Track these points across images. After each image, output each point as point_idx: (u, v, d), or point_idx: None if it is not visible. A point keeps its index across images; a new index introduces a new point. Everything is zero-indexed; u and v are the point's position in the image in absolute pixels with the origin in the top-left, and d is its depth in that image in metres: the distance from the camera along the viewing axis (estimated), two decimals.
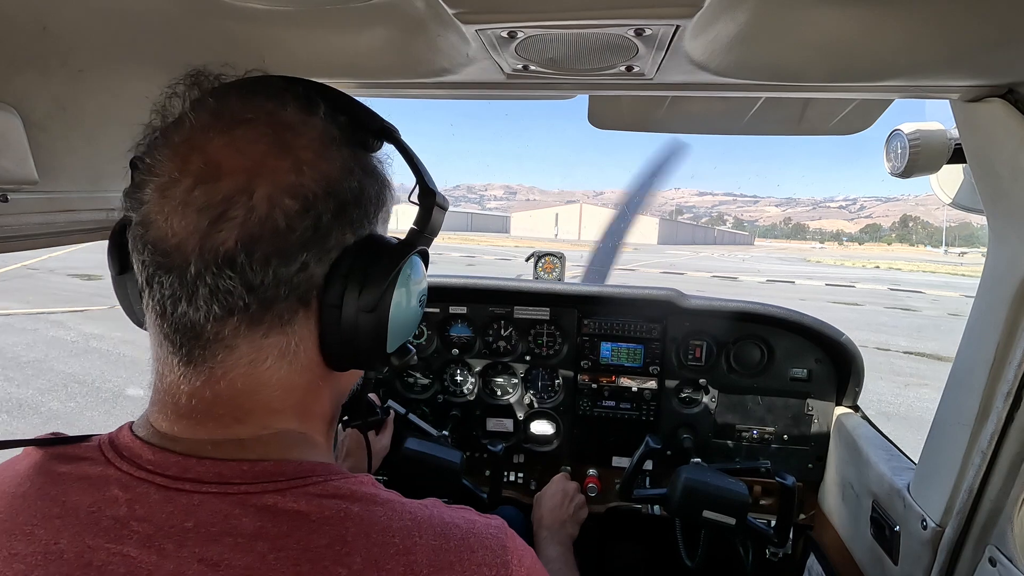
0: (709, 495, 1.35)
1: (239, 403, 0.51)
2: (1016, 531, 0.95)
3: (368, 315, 0.52)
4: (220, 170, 0.47)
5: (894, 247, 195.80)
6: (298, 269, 0.49)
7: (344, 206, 0.51)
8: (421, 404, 1.86)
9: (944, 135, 1.04)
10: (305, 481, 0.49)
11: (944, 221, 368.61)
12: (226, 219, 0.46)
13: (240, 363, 0.50)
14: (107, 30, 0.74)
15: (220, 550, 0.44)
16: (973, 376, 1.00)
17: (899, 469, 1.27)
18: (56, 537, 0.46)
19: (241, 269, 0.46)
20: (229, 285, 0.47)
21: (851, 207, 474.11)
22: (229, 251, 0.46)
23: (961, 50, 0.73)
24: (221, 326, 0.48)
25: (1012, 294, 0.91)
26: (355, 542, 0.46)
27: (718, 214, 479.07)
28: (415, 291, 0.59)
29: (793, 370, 1.67)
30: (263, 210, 0.46)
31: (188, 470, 0.48)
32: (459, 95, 1.04)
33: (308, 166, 0.49)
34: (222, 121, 0.49)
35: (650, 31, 0.71)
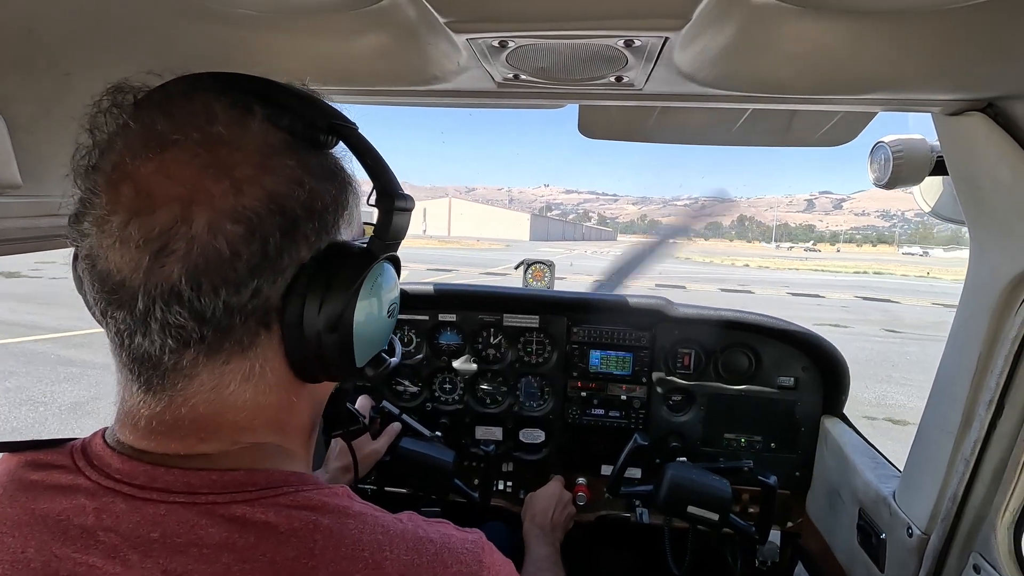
0: (694, 491, 1.39)
1: (202, 425, 0.49)
2: (999, 538, 0.96)
3: (331, 333, 0.50)
4: (153, 200, 0.43)
5: (735, 243, 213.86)
6: (251, 295, 0.46)
7: (295, 222, 0.47)
8: (410, 412, 1.85)
9: (927, 148, 1.06)
10: (276, 491, 0.48)
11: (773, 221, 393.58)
12: (168, 253, 0.43)
13: (202, 390, 0.48)
14: (94, 33, 0.73)
15: (185, 561, 0.43)
16: (956, 385, 1.01)
17: (885, 477, 1.28)
18: (23, 545, 0.45)
19: (189, 303, 0.44)
20: (180, 320, 0.44)
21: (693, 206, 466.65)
22: (174, 285, 0.44)
23: (943, 65, 0.75)
24: (178, 357, 0.47)
25: (993, 304, 0.93)
26: (323, 555, 0.45)
27: (583, 211, 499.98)
28: (383, 301, 0.56)
29: (780, 378, 1.68)
30: (204, 239, 0.43)
31: (156, 479, 0.47)
32: (450, 103, 1.05)
33: (248, 184, 0.45)
34: (150, 144, 0.45)
35: (639, 42, 0.72)
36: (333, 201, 0.51)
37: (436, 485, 1.44)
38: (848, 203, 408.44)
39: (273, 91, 0.51)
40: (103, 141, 0.48)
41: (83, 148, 0.49)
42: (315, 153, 0.51)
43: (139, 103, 0.49)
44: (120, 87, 0.50)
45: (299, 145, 0.50)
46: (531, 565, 1.22)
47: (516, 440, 1.83)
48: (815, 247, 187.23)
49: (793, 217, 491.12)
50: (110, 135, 0.48)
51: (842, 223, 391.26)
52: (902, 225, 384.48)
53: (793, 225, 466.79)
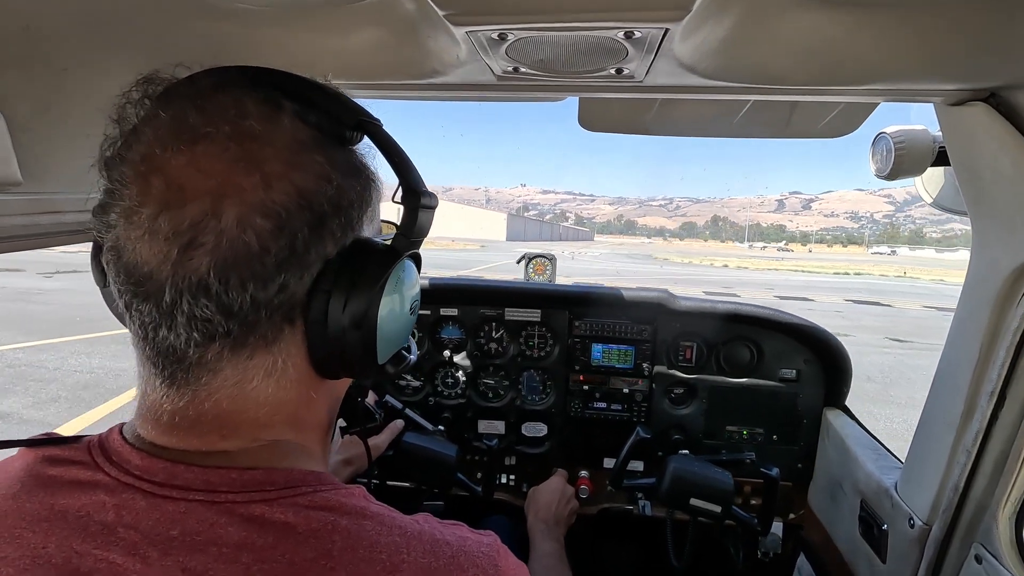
0: (696, 483, 1.39)
1: (224, 421, 0.50)
2: (1001, 528, 0.96)
3: (355, 330, 0.50)
4: (184, 194, 0.44)
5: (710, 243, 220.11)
6: (277, 290, 0.46)
7: (322, 218, 0.48)
8: (413, 407, 1.85)
9: (928, 138, 1.06)
10: (294, 491, 0.48)
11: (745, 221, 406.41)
12: (196, 246, 0.43)
13: (225, 385, 0.48)
14: (91, 30, 0.73)
15: (205, 560, 0.43)
16: (958, 376, 1.01)
17: (886, 468, 1.29)
18: (44, 541, 0.45)
19: (217, 296, 0.44)
20: (206, 313, 0.45)
21: (669, 206, 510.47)
22: (202, 278, 0.44)
23: (944, 55, 0.74)
24: (203, 351, 0.47)
25: (995, 294, 0.93)
26: (341, 556, 0.45)
27: (560, 211, 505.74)
28: (406, 299, 0.56)
29: (782, 371, 1.69)
30: (233, 233, 0.44)
31: (176, 477, 0.47)
32: (450, 96, 1.04)
33: (278, 179, 0.45)
34: (181, 136, 0.45)
35: (639, 34, 0.71)
36: (358, 197, 0.51)
37: (439, 479, 1.44)
38: (817, 204, 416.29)
39: (301, 87, 0.51)
40: (131, 132, 0.48)
41: (110, 139, 0.49)
42: (341, 149, 0.52)
43: (169, 95, 0.49)
44: (150, 78, 0.50)
45: (326, 141, 0.50)
46: (536, 561, 1.23)
47: (518, 434, 1.84)
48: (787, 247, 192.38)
49: (764, 217, 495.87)
50: (139, 126, 0.47)
51: (812, 223, 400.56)
52: (871, 227, 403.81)
53: (765, 225, 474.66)
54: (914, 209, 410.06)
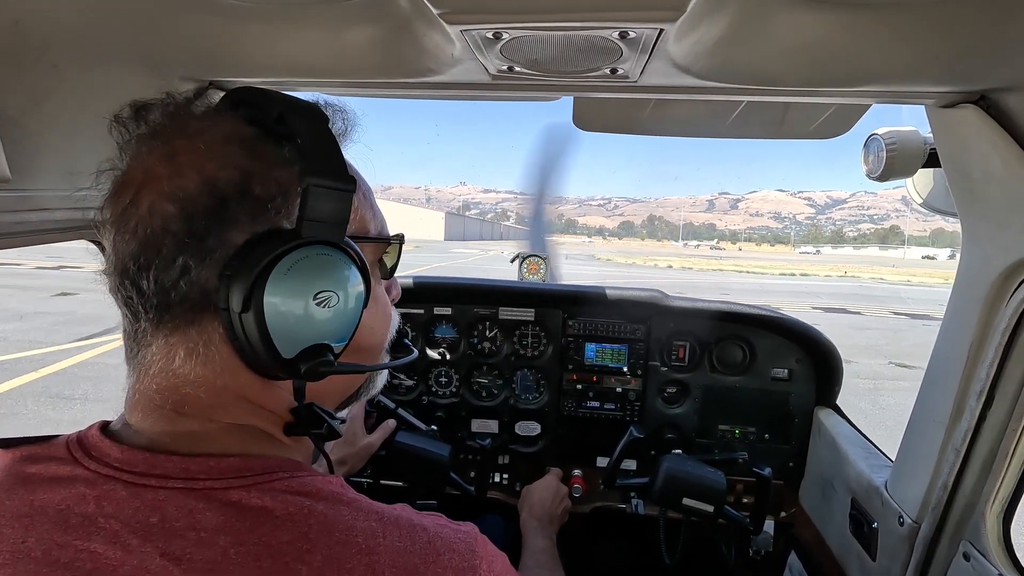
0: (689, 483, 1.40)
1: (167, 397, 0.52)
2: (989, 526, 0.97)
3: (245, 315, 0.49)
4: (122, 186, 0.50)
5: (647, 242, 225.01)
6: (179, 273, 0.48)
7: (224, 202, 0.48)
8: (405, 406, 1.85)
9: (920, 140, 1.07)
10: (271, 477, 0.50)
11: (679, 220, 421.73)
12: (124, 231, 0.49)
13: (156, 361, 0.52)
14: (83, 25, 0.72)
15: (184, 544, 0.45)
16: (947, 375, 1.02)
17: (877, 467, 1.30)
18: (24, 536, 0.46)
19: (132, 278, 0.49)
20: (128, 293, 0.50)
21: (607, 206, 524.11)
22: (125, 262, 0.49)
23: (936, 57, 0.75)
24: (136, 327, 0.52)
25: (984, 295, 0.94)
26: (317, 539, 0.46)
27: (502, 210, 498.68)
28: (308, 287, 0.51)
29: (774, 370, 1.70)
30: (146, 219, 0.48)
31: (155, 466, 0.48)
32: (444, 95, 1.04)
33: (187, 167, 0.49)
34: (130, 143, 0.52)
35: (634, 34, 0.71)
36: (282, 189, 0.51)
37: (432, 479, 1.44)
38: (743, 203, 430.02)
39: (253, 94, 0.56)
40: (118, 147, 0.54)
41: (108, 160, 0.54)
42: (276, 145, 0.52)
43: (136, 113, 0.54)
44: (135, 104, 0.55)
45: (263, 139, 0.52)
46: (529, 558, 1.23)
47: (512, 433, 1.84)
48: (719, 245, 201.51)
49: (696, 217, 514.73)
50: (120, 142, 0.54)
51: (739, 223, 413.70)
52: (795, 227, 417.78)
53: (697, 224, 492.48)
54: (833, 212, 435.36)
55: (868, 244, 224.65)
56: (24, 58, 0.72)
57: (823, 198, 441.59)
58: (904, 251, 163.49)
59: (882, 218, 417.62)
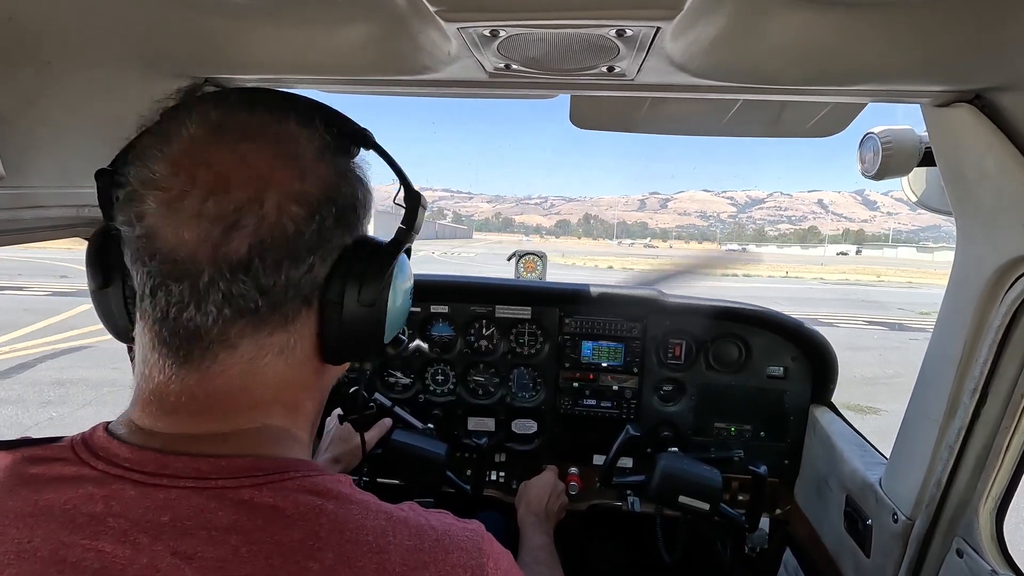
0: (685, 481, 1.41)
1: (232, 398, 0.52)
2: (982, 523, 0.98)
3: (368, 309, 0.56)
4: (229, 183, 0.49)
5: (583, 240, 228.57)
6: (306, 271, 0.52)
7: (343, 210, 0.54)
8: (402, 404, 1.85)
9: (915, 138, 1.07)
10: (282, 476, 0.50)
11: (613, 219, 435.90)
12: (238, 228, 0.48)
13: (240, 361, 0.52)
14: (77, 22, 0.72)
15: (194, 543, 0.45)
16: (942, 373, 1.03)
17: (871, 464, 1.31)
18: (29, 535, 0.46)
19: (255, 273, 0.49)
20: (243, 289, 0.49)
21: (544, 204, 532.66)
22: (242, 257, 0.49)
23: (931, 57, 0.75)
24: (227, 328, 0.50)
25: (979, 293, 0.94)
26: (328, 538, 0.47)
27: (438, 209, 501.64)
28: (406, 286, 0.64)
29: (770, 368, 1.70)
30: (273, 217, 0.49)
31: (166, 466, 0.49)
32: (441, 93, 1.04)
33: (310, 174, 0.52)
34: (226, 135, 0.51)
35: (631, 32, 0.71)
36: (363, 200, 0.59)
37: (428, 477, 1.44)
38: (672, 203, 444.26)
39: (321, 106, 0.58)
40: (166, 133, 0.52)
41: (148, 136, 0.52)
42: (349, 159, 0.59)
43: (209, 102, 0.54)
44: (191, 89, 0.57)
45: (340, 152, 0.57)
46: (527, 555, 1.23)
47: (508, 431, 1.84)
48: (652, 244, 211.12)
49: (629, 216, 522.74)
50: (176, 128, 0.52)
51: (669, 221, 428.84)
52: (719, 225, 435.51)
53: (630, 223, 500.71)
54: (753, 211, 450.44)
55: (790, 244, 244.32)
56: (18, 55, 0.71)
57: (744, 197, 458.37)
58: (824, 250, 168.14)
59: (800, 219, 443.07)
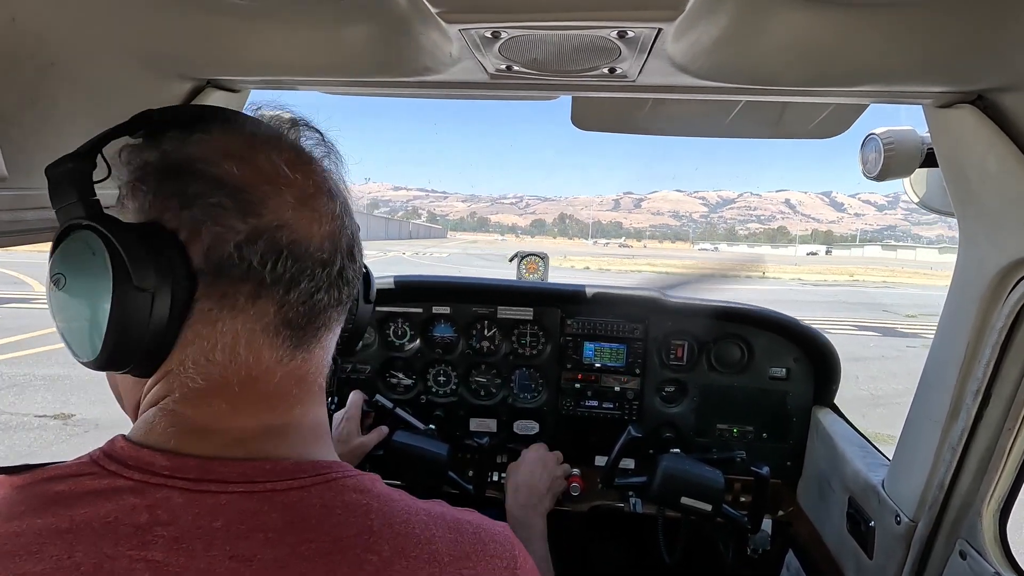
0: (687, 482, 1.40)
1: (311, 382, 0.58)
2: (985, 524, 0.98)
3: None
4: (333, 192, 0.58)
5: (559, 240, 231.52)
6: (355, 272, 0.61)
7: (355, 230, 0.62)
8: (404, 405, 1.85)
9: (917, 139, 1.07)
10: (325, 477, 0.52)
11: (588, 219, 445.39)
12: (344, 227, 0.58)
13: (329, 342, 0.59)
14: (79, 22, 0.72)
15: (251, 546, 0.45)
16: (944, 374, 1.02)
17: (874, 465, 1.30)
18: (70, 551, 0.45)
19: (355, 261, 0.60)
20: (351, 274, 0.59)
21: (519, 204, 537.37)
22: (349, 250, 0.58)
23: (933, 58, 0.75)
24: (335, 310, 0.58)
25: (981, 294, 0.94)
26: (381, 532, 0.49)
27: (412, 208, 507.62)
28: None
29: (772, 369, 1.70)
30: (350, 226, 0.59)
31: (210, 471, 0.49)
32: (443, 95, 1.04)
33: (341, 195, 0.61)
34: (304, 152, 0.59)
35: (632, 33, 0.71)
36: None
37: (430, 478, 1.44)
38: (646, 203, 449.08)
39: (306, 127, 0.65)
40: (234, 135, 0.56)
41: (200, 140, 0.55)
42: None
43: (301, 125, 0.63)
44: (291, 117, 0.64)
45: None
46: None
47: (510, 432, 1.84)
48: (627, 243, 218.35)
49: (604, 215, 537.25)
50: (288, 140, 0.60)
51: (643, 221, 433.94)
52: (692, 225, 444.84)
53: (605, 223, 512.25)
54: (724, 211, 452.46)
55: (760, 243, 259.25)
56: (21, 56, 0.72)
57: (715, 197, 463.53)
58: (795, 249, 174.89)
59: (769, 218, 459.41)
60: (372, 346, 1.84)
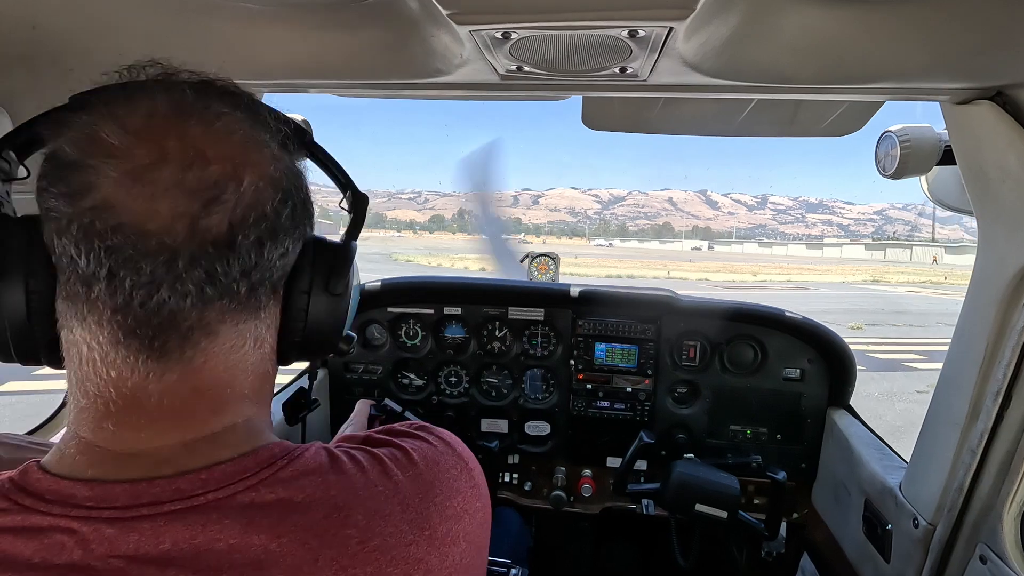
0: (701, 489, 1.38)
1: (218, 394, 0.48)
2: (1006, 528, 0.96)
3: (334, 299, 0.56)
4: (206, 157, 0.45)
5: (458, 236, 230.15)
6: (281, 254, 0.50)
7: (305, 201, 0.54)
8: (415, 405, 1.86)
9: (934, 137, 1.05)
10: (271, 469, 0.47)
11: None
12: (219, 202, 0.44)
13: (223, 349, 0.48)
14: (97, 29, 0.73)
15: (216, 557, 0.42)
16: (963, 376, 1.01)
17: (891, 468, 1.28)
18: None
19: (238, 251, 0.45)
20: (226, 268, 0.45)
21: (418, 199, 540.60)
22: (223, 234, 0.45)
23: (950, 54, 0.74)
24: (204, 311, 0.45)
25: (1001, 295, 0.92)
26: (348, 502, 0.47)
27: None
28: (356, 285, 0.65)
29: (786, 370, 1.68)
30: (251, 196, 0.47)
31: (140, 496, 0.44)
32: (453, 96, 1.04)
33: (278, 161, 0.51)
34: (196, 111, 0.47)
35: (643, 33, 0.71)
36: (311, 199, 0.57)
37: None
38: (543, 199, 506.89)
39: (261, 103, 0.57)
40: (128, 99, 0.47)
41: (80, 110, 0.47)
42: (301, 157, 0.58)
43: (167, 83, 0.50)
44: (151, 63, 0.52)
45: (296, 148, 0.56)
46: None
47: (522, 432, 1.84)
48: (526, 239, 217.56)
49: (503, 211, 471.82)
50: (141, 96, 0.47)
51: (541, 217, 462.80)
52: (587, 222, 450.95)
53: (504, 219, 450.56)
54: (616, 208, 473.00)
55: (649, 238, 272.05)
56: (41, 62, 0.73)
57: (607, 195, 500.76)
58: (681, 244, 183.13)
59: (655, 215, 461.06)
60: (384, 347, 1.85)
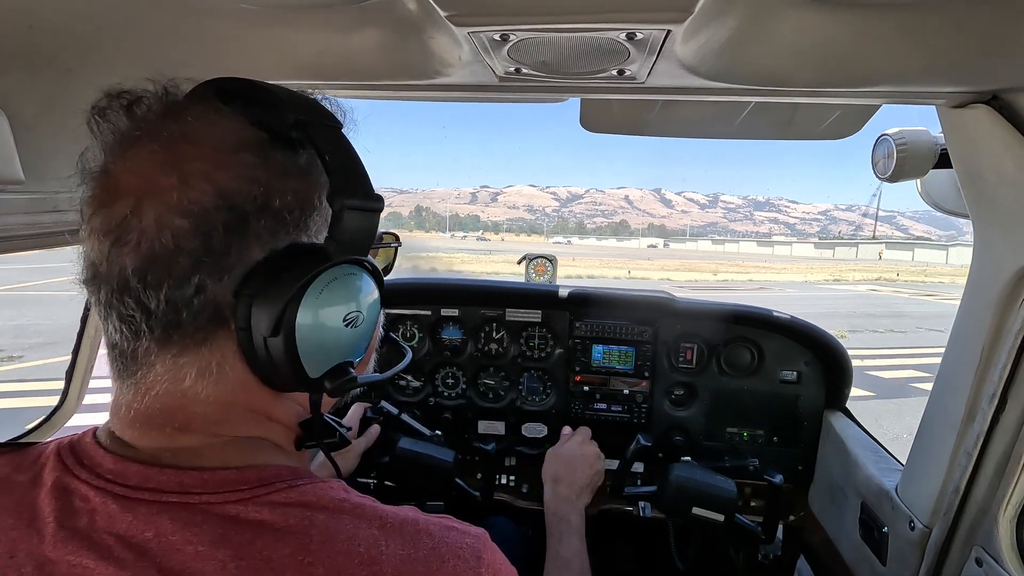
0: (699, 492, 1.38)
1: (172, 415, 0.49)
2: (1002, 531, 0.96)
3: (274, 338, 0.48)
4: (116, 193, 0.46)
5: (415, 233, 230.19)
6: (194, 291, 0.46)
7: (244, 219, 0.46)
8: (412, 407, 1.85)
9: (930, 140, 1.06)
10: (269, 488, 0.48)
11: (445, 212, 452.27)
12: (123, 243, 0.45)
13: (159, 381, 0.48)
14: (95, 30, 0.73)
15: (181, 559, 0.44)
16: (959, 378, 1.01)
17: (887, 471, 1.28)
18: (12, 549, 0.45)
19: (135, 294, 0.45)
20: (129, 311, 0.46)
21: None
22: (126, 277, 0.45)
23: (946, 58, 0.74)
24: (136, 346, 0.48)
25: (997, 297, 0.93)
26: (319, 551, 0.45)
27: None
28: (339, 308, 0.51)
29: (783, 372, 1.68)
30: (152, 232, 0.44)
31: (149, 480, 0.47)
32: (452, 97, 1.04)
33: (197, 178, 0.45)
34: (121, 143, 0.48)
35: (641, 35, 0.71)
36: (300, 200, 0.50)
37: (437, 485, 1.43)
38: (502, 196, 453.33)
39: (252, 90, 0.52)
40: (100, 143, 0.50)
41: (88, 150, 0.51)
42: (284, 151, 0.51)
43: (125, 107, 0.51)
44: (112, 93, 0.51)
45: (269, 143, 0.50)
46: (554, 564, 1.08)
47: (519, 434, 1.84)
48: (484, 236, 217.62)
49: (462, 208, 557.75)
50: (102, 137, 0.50)
51: (500, 215, 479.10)
52: (545, 219, 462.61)
53: (462, 216, 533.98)
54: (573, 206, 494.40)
55: (607, 236, 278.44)
56: (38, 62, 0.73)
57: (565, 193, 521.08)
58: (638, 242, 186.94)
59: (611, 213, 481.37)
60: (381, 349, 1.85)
